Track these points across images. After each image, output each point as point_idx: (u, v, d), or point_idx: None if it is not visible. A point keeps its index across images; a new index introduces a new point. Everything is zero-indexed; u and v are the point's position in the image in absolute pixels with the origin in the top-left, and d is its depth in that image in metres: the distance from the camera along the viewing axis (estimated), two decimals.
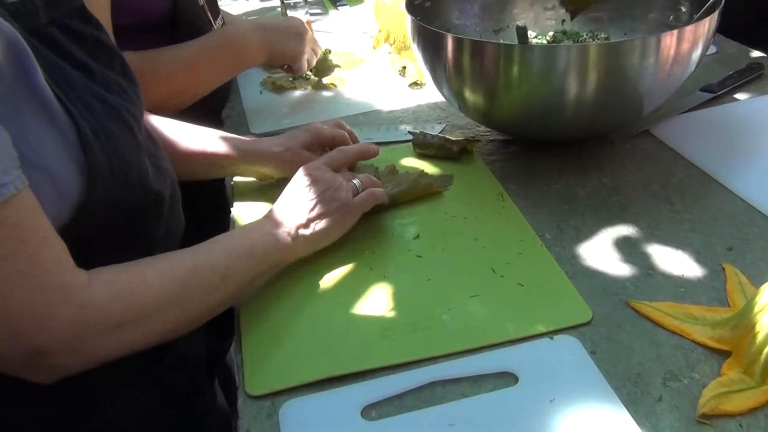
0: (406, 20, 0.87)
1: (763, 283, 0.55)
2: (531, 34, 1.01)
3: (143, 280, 0.54)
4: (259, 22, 1.06)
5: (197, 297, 0.57)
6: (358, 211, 0.72)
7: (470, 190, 0.82)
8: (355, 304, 0.65)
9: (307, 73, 1.13)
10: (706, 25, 0.75)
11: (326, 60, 1.15)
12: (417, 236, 0.74)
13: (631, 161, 0.85)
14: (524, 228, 0.74)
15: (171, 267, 0.57)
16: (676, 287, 0.64)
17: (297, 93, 1.14)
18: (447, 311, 0.63)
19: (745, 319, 0.55)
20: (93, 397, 0.60)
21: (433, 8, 0.96)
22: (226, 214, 0.86)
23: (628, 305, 0.62)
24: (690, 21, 0.87)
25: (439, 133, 0.94)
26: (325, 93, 1.13)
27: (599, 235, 0.72)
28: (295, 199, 0.69)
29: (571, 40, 0.98)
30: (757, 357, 0.53)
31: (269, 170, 0.83)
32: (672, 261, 0.67)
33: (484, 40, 0.98)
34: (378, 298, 0.66)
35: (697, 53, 0.77)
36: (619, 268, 0.67)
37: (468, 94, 0.82)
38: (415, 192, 0.80)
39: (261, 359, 0.60)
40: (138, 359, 0.55)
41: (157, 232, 0.62)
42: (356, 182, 0.73)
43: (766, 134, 0.87)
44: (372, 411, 0.55)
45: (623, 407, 0.52)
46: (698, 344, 0.57)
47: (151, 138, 0.65)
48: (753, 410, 0.51)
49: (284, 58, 1.04)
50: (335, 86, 1.14)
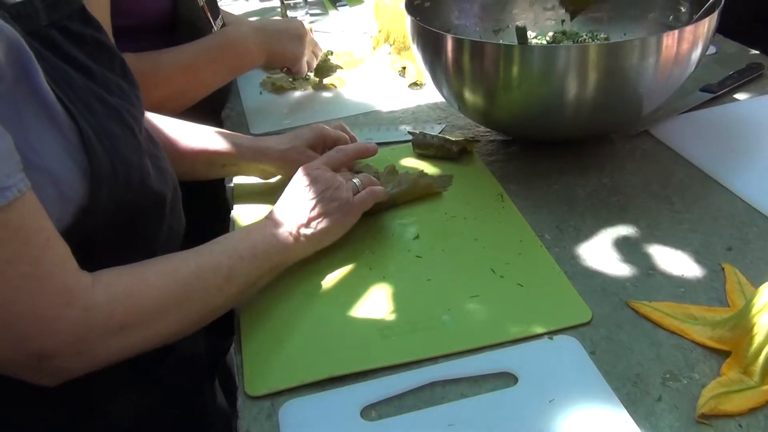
0: (406, 20, 0.87)
1: (763, 283, 0.55)
2: (530, 34, 1.01)
3: (146, 282, 0.54)
4: (259, 23, 1.06)
5: (200, 298, 0.57)
6: (359, 210, 0.72)
7: (470, 190, 0.82)
8: (354, 304, 0.65)
9: (308, 74, 1.13)
10: (706, 25, 0.75)
11: (327, 61, 1.15)
12: (417, 236, 0.74)
13: (631, 161, 0.85)
14: (524, 228, 0.74)
15: (174, 269, 0.57)
16: (675, 287, 0.64)
17: (297, 93, 1.14)
18: (447, 311, 0.63)
19: (744, 319, 0.55)
20: (95, 399, 0.60)
21: (432, 8, 0.96)
22: (225, 215, 0.86)
23: (628, 305, 0.62)
24: (690, 21, 0.87)
25: (439, 133, 0.94)
26: (324, 93, 1.13)
27: (599, 235, 0.72)
28: (295, 199, 0.69)
29: (570, 40, 0.98)
30: (757, 357, 0.53)
31: (273, 168, 0.83)
32: (672, 261, 0.67)
33: (484, 40, 0.98)
34: (378, 298, 0.66)
35: (696, 53, 0.77)
36: (619, 268, 0.67)
37: (468, 95, 0.82)
38: (415, 192, 0.80)
39: (261, 359, 0.60)
40: (140, 360, 0.55)
41: (159, 233, 0.62)
42: (356, 181, 0.74)
43: (766, 134, 0.87)
44: (372, 411, 0.55)
45: (623, 407, 0.52)
46: (698, 344, 0.57)
47: (151, 138, 0.65)
48: (752, 410, 0.51)
49: (284, 60, 1.05)
50: (335, 87, 1.14)
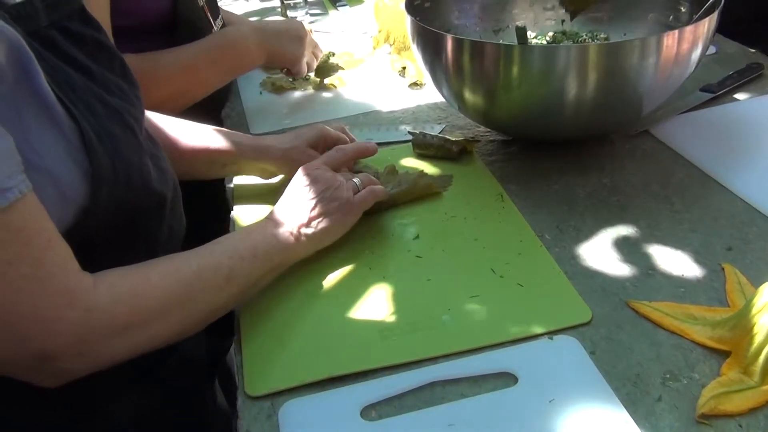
0: (406, 21, 0.87)
1: (763, 283, 0.55)
2: (530, 34, 1.01)
3: (148, 283, 0.54)
4: (259, 24, 1.06)
5: (202, 299, 0.57)
6: (359, 210, 0.72)
7: (470, 190, 0.82)
8: (354, 304, 0.65)
9: (308, 75, 1.13)
10: (706, 25, 0.75)
11: (327, 61, 1.15)
12: (417, 236, 0.74)
13: (631, 161, 0.85)
14: (524, 228, 0.74)
15: (175, 269, 0.57)
16: (675, 287, 0.64)
17: (297, 94, 1.14)
18: (447, 311, 0.63)
19: (744, 319, 0.55)
20: (96, 400, 0.60)
21: (432, 8, 0.96)
22: (225, 215, 0.86)
23: (628, 305, 0.62)
24: (689, 21, 0.87)
25: (439, 133, 0.94)
26: (324, 94, 1.13)
27: (599, 235, 0.72)
28: (295, 199, 0.69)
29: (570, 40, 0.98)
30: (757, 357, 0.53)
31: (274, 168, 0.83)
32: (672, 261, 0.67)
33: (484, 40, 0.98)
34: (378, 298, 0.66)
35: (696, 53, 0.77)
36: (619, 268, 0.67)
37: (468, 95, 0.82)
38: (415, 192, 0.80)
39: (261, 360, 0.60)
40: (141, 361, 0.55)
41: (160, 233, 0.62)
42: (356, 181, 0.74)
43: (765, 134, 0.87)
44: (372, 411, 0.55)
45: (622, 407, 0.52)
46: (698, 344, 0.57)
47: (151, 138, 0.65)
48: (752, 410, 0.51)
49: (283, 61, 1.05)
50: (335, 87, 1.14)
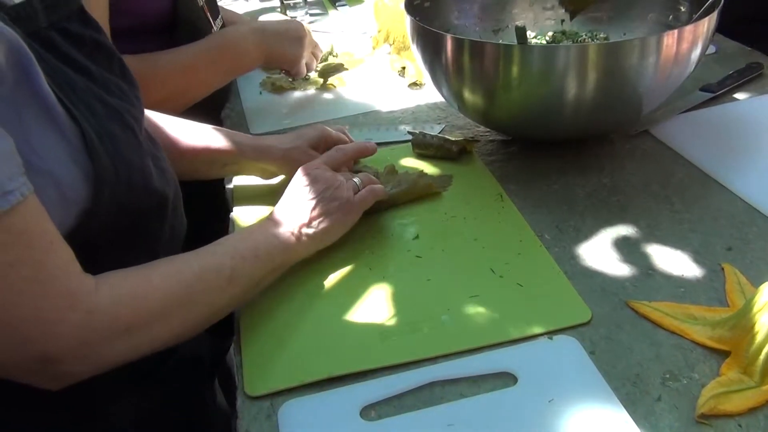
0: (406, 20, 0.87)
1: (763, 283, 0.55)
2: (530, 34, 1.01)
3: (149, 284, 0.54)
4: (259, 24, 1.06)
5: (204, 300, 0.57)
6: (360, 209, 0.72)
7: (469, 190, 0.82)
8: (354, 304, 0.65)
9: (307, 75, 1.13)
10: (706, 25, 0.75)
11: (329, 61, 1.15)
12: (416, 236, 0.74)
13: (631, 161, 0.84)
14: (523, 228, 0.74)
15: (177, 270, 0.57)
16: (675, 287, 0.64)
17: (296, 93, 1.14)
18: (446, 311, 0.63)
19: (744, 319, 0.55)
20: (96, 401, 0.60)
21: (432, 8, 0.96)
22: (225, 216, 0.86)
23: (628, 305, 0.62)
24: (689, 21, 0.87)
25: (439, 133, 0.94)
26: (324, 94, 1.13)
27: (598, 235, 0.72)
28: (296, 199, 0.69)
29: (570, 40, 0.98)
30: (756, 357, 0.53)
31: (274, 168, 0.83)
32: (671, 261, 0.67)
33: (484, 40, 0.98)
34: (377, 298, 0.66)
35: (696, 53, 0.77)
36: (619, 268, 0.67)
37: (467, 95, 0.82)
38: (415, 192, 0.80)
39: (260, 360, 0.60)
40: (142, 363, 0.55)
41: (161, 234, 0.62)
42: (356, 180, 0.74)
43: (765, 134, 0.87)
44: (371, 411, 0.55)
45: (622, 407, 0.52)
46: (697, 344, 0.57)
47: (151, 138, 0.64)
48: (752, 410, 0.51)
49: (283, 61, 1.04)
50: (334, 87, 1.14)
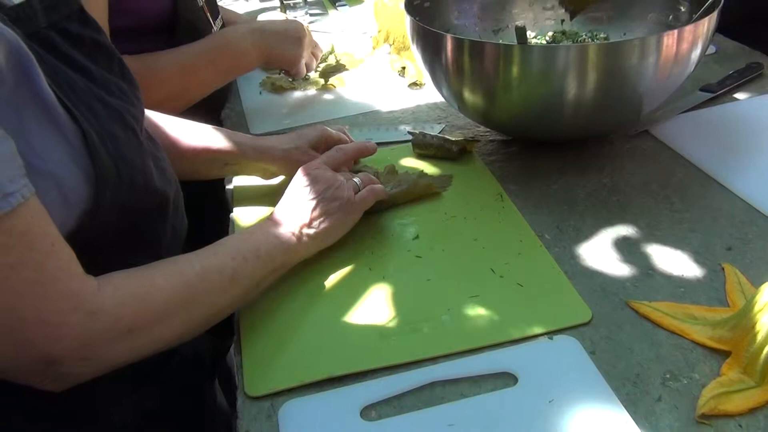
0: (406, 20, 0.87)
1: (763, 282, 0.55)
2: (530, 34, 1.01)
3: (152, 286, 0.54)
4: (258, 24, 1.06)
5: (206, 300, 0.57)
6: (360, 209, 0.72)
7: (470, 190, 0.82)
8: (354, 304, 0.65)
9: (307, 75, 1.13)
10: (706, 25, 0.75)
11: (329, 61, 1.15)
12: (416, 236, 0.74)
13: (631, 161, 0.84)
14: (524, 228, 0.74)
15: (179, 270, 0.57)
16: (675, 287, 0.64)
17: (296, 93, 1.14)
18: (446, 311, 0.63)
19: (744, 319, 0.55)
20: (98, 402, 0.59)
21: (432, 8, 0.96)
22: (225, 216, 0.86)
23: (628, 305, 0.62)
24: (689, 21, 0.87)
25: (439, 133, 0.94)
26: (324, 94, 1.13)
27: (599, 235, 0.72)
28: (296, 199, 0.69)
29: (570, 40, 0.98)
30: (757, 357, 0.53)
31: (275, 168, 0.83)
32: (671, 261, 0.67)
33: (484, 40, 0.98)
34: (377, 298, 0.66)
35: (696, 53, 0.77)
36: (619, 268, 0.67)
37: (467, 95, 0.82)
38: (415, 192, 0.80)
39: (260, 360, 0.60)
40: (145, 363, 0.55)
41: (163, 234, 0.62)
42: (356, 180, 0.74)
43: (765, 134, 0.87)
44: (371, 411, 0.55)
45: (622, 407, 0.52)
46: (698, 344, 0.57)
47: (151, 138, 0.64)
48: (752, 410, 0.51)
49: (282, 62, 1.04)
50: (334, 87, 1.14)
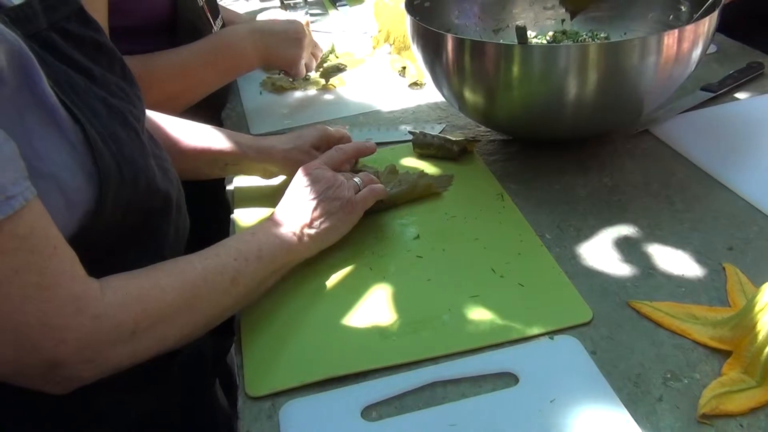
0: (406, 20, 0.87)
1: (764, 282, 0.55)
2: (531, 33, 1.01)
3: (154, 287, 0.54)
4: (258, 25, 1.05)
5: (208, 301, 0.57)
6: (361, 209, 0.72)
7: (470, 190, 0.82)
8: (355, 304, 0.65)
9: (307, 75, 1.13)
10: (706, 25, 0.75)
11: (328, 60, 1.15)
12: (417, 236, 0.74)
13: (632, 161, 0.84)
14: (524, 228, 0.73)
15: (181, 271, 0.57)
16: (676, 287, 0.64)
17: (297, 94, 1.14)
18: (447, 311, 0.63)
19: (745, 318, 0.55)
20: (98, 402, 0.59)
21: (432, 8, 0.96)
22: (225, 216, 0.86)
23: (629, 305, 0.62)
24: (690, 20, 0.87)
25: (439, 133, 0.94)
26: (325, 94, 1.13)
27: (599, 234, 0.72)
28: (297, 199, 0.69)
29: (570, 39, 0.98)
30: (758, 356, 0.53)
31: (276, 168, 0.83)
32: (672, 260, 0.67)
33: (484, 40, 0.98)
34: (378, 298, 0.66)
35: (697, 53, 0.77)
36: (620, 267, 0.67)
37: (468, 94, 0.82)
38: (415, 192, 0.80)
39: (261, 360, 0.60)
40: (147, 365, 0.55)
41: (166, 234, 0.62)
42: (357, 180, 0.74)
43: (766, 133, 0.87)
44: (372, 411, 0.55)
45: (623, 407, 0.52)
46: (699, 344, 0.57)
47: (152, 138, 0.64)
48: (754, 410, 0.51)
49: (281, 62, 1.04)
50: (334, 87, 1.14)
